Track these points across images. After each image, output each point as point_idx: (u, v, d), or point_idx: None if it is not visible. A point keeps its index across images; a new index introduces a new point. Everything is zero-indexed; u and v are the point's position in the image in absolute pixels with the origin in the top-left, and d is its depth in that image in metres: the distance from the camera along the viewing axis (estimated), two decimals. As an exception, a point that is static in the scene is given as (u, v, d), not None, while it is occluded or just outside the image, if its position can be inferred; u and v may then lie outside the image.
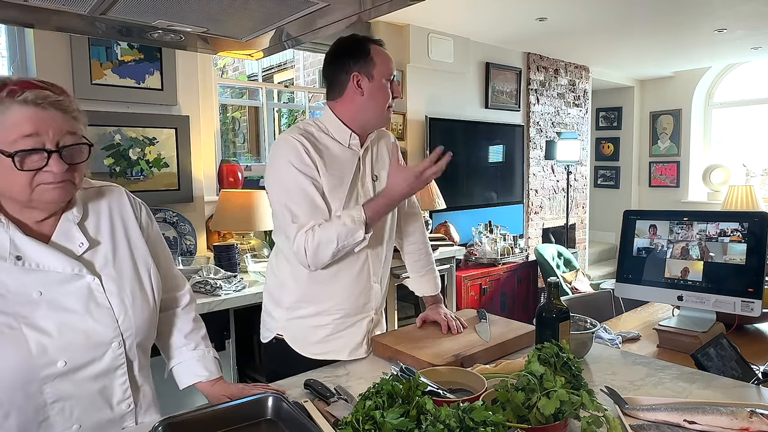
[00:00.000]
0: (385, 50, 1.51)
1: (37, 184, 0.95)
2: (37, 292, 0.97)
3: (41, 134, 0.93)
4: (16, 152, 0.91)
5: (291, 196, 1.40)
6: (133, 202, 1.17)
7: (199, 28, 1.35)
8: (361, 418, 0.83)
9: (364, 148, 1.53)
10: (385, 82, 1.48)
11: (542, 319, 1.30)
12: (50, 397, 0.98)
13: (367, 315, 1.54)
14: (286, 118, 5.65)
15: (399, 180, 1.40)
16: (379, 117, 1.51)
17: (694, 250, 1.79)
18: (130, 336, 1.06)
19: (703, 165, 6.32)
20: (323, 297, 1.48)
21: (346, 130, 1.49)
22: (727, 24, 4.09)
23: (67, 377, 0.99)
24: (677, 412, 1.05)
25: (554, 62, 5.32)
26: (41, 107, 0.93)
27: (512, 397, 0.93)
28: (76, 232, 1.04)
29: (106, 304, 1.03)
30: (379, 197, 1.44)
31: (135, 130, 2.67)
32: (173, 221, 2.79)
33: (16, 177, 0.93)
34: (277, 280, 1.53)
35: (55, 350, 0.96)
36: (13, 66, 2.53)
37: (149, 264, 1.14)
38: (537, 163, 5.23)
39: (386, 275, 1.61)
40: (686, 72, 6.15)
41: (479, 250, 4.22)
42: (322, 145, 1.46)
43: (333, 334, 1.49)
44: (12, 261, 0.96)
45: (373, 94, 1.47)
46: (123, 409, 1.08)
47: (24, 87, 0.93)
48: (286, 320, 1.50)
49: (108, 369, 1.04)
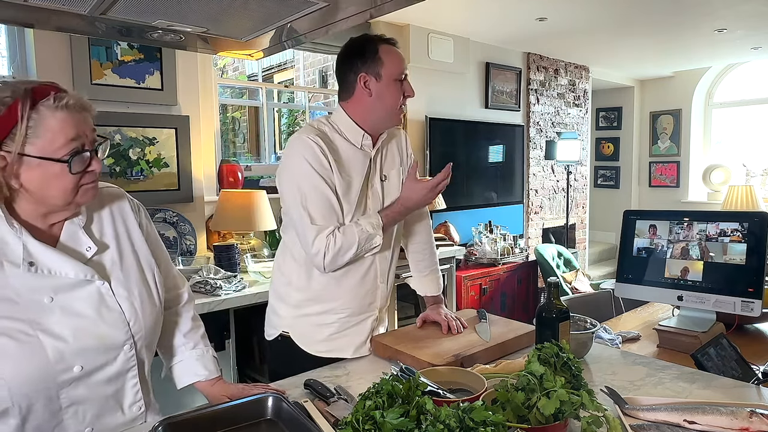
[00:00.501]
0: (397, 49, 1.49)
1: (81, 185, 0.98)
2: (48, 298, 0.97)
3: (81, 136, 0.96)
4: (72, 155, 0.94)
5: (308, 197, 1.41)
6: (132, 203, 1.18)
7: (199, 28, 1.34)
8: (361, 418, 0.83)
9: (375, 149, 1.53)
10: (395, 82, 1.47)
11: (542, 319, 1.30)
12: (65, 401, 0.98)
13: (372, 314, 1.56)
14: (286, 118, 5.65)
15: (416, 191, 1.49)
16: (389, 117, 1.51)
17: (694, 250, 1.79)
18: (140, 338, 1.07)
19: (703, 165, 6.32)
20: (330, 296, 1.49)
21: (358, 131, 1.49)
22: (727, 24, 4.09)
23: (82, 381, 0.99)
24: (677, 412, 1.05)
25: (554, 62, 5.32)
26: (77, 110, 0.96)
27: (512, 397, 0.93)
28: (82, 236, 1.05)
29: (116, 307, 1.04)
30: (395, 205, 1.50)
31: (135, 130, 2.67)
32: (173, 221, 2.79)
33: (65, 181, 0.95)
34: (284, 278, 1.54)
35: (72, 355, 0.97)
36: (13, 66, 2.53)
37: (152, 265, 1.14)
38: (537, 163, 5.23)
39: (392, 275, 1.62)
40: (686, 72, 6.15)
41: (479, 250, 4.22)
42: (335, 145, 1.47)
43: (338, 333, 1.50)
44: (25, 267, 0.96)
45: (382, 94, 1.47)
46: (134, 411, 1.09)
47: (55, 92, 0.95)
48: (292, 318, 1.51)
49: (120, 372, 1.05)
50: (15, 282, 0.94)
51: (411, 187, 1.50)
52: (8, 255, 0.95)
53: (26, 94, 0.92)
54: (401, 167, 1.60)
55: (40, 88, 0.94)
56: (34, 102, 0.92)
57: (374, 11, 1.27)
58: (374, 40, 1.48)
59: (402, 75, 1.49)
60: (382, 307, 1.60)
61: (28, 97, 0.92)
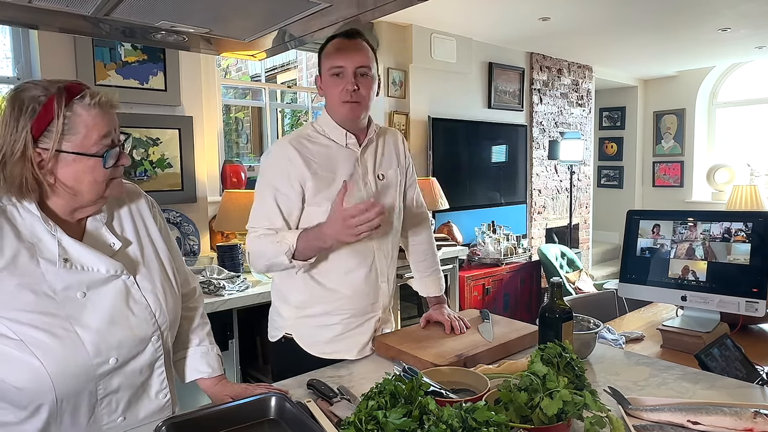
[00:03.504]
0: (343, 39, 1.46)
1: (111, 179, 1.02)
2: (81, 293, 0.99)
3: (111, 133, 1.00)
4: (108, 150, 0.99)
5: (256, 200, 1.49)
6: (147, 200, 1.21)
7: (201, 29, 1.35)
8: (364, 418, 0.83)
9: (362, 147, 1.52)
10: (332, 77, 1.45)
11: (545, 319, 1.30)
12: (101, 392, 1.02)
13: (375, 314, 1.55)
14: (289, 118, 5.66)
15: (330, 219, 1.34)
16: (336, 112, 1.49)
17: (698, 250, 1.78)
18: (165, 329, 1.11)
19: (707, 165, 6.29)
20: (331, 297, 1.49)
21: (340, 130, 1.50)
22: (731, 23, 4.07)
23: (117, 372, 1.03)
24: (681, 413, 1.05)
25: (557, 62, 5.31)
26: (108, 108, 1.00)
27: (515, 397, 0.93)
28: (105, 233, 1.08)
29: (143, 301, 1.07)
30: (313, 229, 1.39)
31: (139, 131, 2.68)
32: (177, 221, 2.80)
33: (98, 175, 0.99)
34: (285, 279, 1.53)
35: (107, 348, 1.00)
36: (17, 67, 2.54)
37: (170, 259, 1.18)
38: (540, 163, 5.22)
39: (393, 274, 1.61)
40: (690, 71, 6.12)
41: (482, 250, 4.22)
42: (316, 146, 1.48)
43: (342, 334, 1.50)
44: (61, 264, 0.98)
45: (325, 91, 1.50)
46: (161, 399, 1.12)
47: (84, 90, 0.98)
48: (294, 319, 1.51)
49: (150, 361, 1.09)
50: (51, 278, 0.97)
51: (330, 214, 1.35)
52: (44, 252, 0.98)
53: (60, 93, 0.95)
54: (398, 168, 1.61)
55: (72, 86, 0.97)
56: (68, 100, 0.95)
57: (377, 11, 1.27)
58: (329, 39, 1.49)
59: (337, 69, 1.44)
60: (386, 307, 1.59)
61: (62, 95, 0.95)
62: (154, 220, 1.19)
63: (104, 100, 0.99)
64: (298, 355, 1.49)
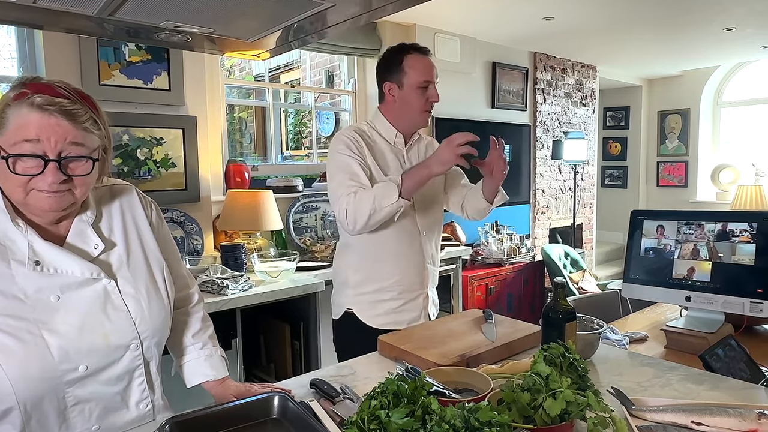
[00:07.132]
0: (424, 57, 1.68)
1: (30, 189, 0.93)
2: (54, 297, 0.96)
3: (42, 141, 0.90)
4: (10, 155, 0.90)
5: (339, 168, 1.64)
6: (144, 200, 1.17)
7: (205, 29, 1.35)
8: (367, 417, 0.83)
9: (408, 147, 1.79)
10: (417, 89, 1.67)
11: (548, 319, 1.30)
12: (71, 400, 0.98)
13: (423, 292, 1.80)
14: (293, 118, 5.67)
15: (436, 150, 1.58)
16: (414, 121, 1.74)
17: (702, 251, 1.77)
18: (147, 337, 1.06)
19: (711, 165, 6.27)
20: (383, 276, 1.74)
21: (392, 130, 1.76)
22: (736, 22, 4.06)
23: (88, 380, 0.99)
24: (685, 414, 1.04)
25: (561, 61, 5.30)
26: (48, 113, 0.90)
27: (518, 397, 0.93)
28: (90, 234, 1.04)
29: (122, 306, 1.03)
30: (414, 166, 1.63)
31: (143, 131, 2.68)
32: (180, 221, 2.80)
33: (11, 180, 0.92)
34: (345, 265, 1.80)
35: (77, 355, 0.96)
36: (22, 67, 2.56)
37: (162, 263, 1.14)
38: (544, 163, 5.21)
39: (437, 258, 1.86)
40: (694, 71, 6.10)
41: (485, 250, 4.22)
42: (371, 140, 1.73)
43: (395, 309, 1.75)
44: (31, 266, 0.95)
45: (405, 101, 1.70)
46: (141, 409, 1.08)
47: (38, 90, 0.91)
48: (353, 296, 1.77)
49: (127, 370, 1.04)
50: (22, 281, 0.94)
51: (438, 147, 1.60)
52: (15, 254, 0.95)
53: (16, 88, 0.92)
54: None
55: (36, 85, 0.92)
56: (19, 96, 0.91)
57: (380, 11, 1.27)
58: (402, 51, 1.68)
59: (424, 83, 1.67)
60: (432, 286, 1.84)
61: (17, 90, 0.91)
62: (149, 221, 1.15)
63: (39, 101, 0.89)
64: (358, 328, 1.74)
